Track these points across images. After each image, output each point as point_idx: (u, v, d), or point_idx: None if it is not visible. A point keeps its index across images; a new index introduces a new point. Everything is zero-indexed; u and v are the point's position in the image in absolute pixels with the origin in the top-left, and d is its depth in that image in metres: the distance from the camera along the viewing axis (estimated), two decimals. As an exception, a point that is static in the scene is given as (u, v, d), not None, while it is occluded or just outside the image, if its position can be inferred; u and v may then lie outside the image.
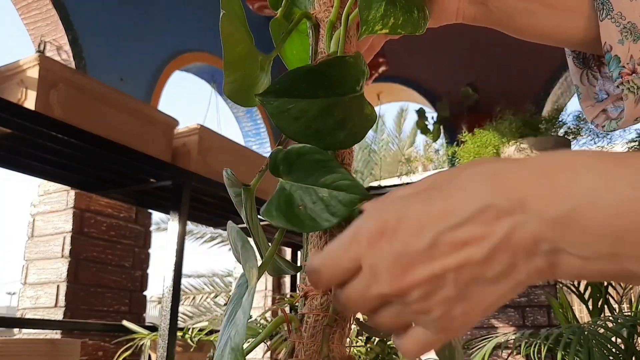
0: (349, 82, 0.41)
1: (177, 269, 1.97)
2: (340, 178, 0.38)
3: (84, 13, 2.67)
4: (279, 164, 0.40)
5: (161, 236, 10.40)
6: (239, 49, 0.42)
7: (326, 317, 0.38)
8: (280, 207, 0.39)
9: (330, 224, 0.38)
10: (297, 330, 0.39)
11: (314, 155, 0.39)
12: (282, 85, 0.39)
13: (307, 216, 0.38)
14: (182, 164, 2.14)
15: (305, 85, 0.40)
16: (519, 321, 2.42)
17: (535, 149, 2.20)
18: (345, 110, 0.41)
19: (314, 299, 0.39)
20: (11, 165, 1.98)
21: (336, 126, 0.40)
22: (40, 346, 1.73)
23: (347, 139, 0.41)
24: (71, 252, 2.30)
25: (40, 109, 1.69)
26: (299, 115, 0.39)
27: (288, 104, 0.39)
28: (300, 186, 0.39)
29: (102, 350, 2.34)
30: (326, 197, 0.38)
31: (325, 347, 0.37)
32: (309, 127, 0.39)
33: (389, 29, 0.44)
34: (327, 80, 0.40)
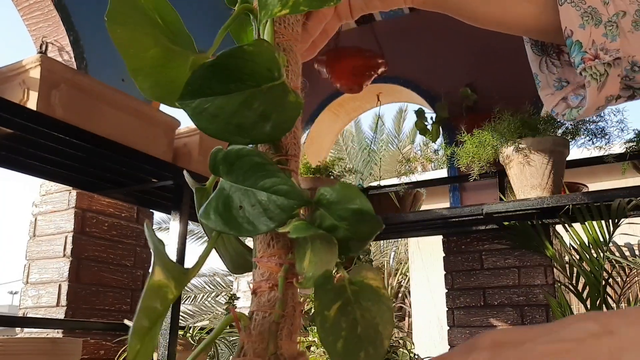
0: (259, 72, 0.39)
1: (178, 268, 1.98)
2: (279, 182, 0.37)
3: (86, 14, 2.68)
4: (219, 164, 0.39)
5: (162, 236, 10.41)
6: (150, 53, 0.41)
7: (273, 314, 0.37)
8: (218, 209, 0.38)
9: (268, 229, 0.36)
10: (246, 329, 0.37)
11: (253, 157, 0.38)
12: (193, 85, 0.38)
13: (245, 219, 0.37)
14: (183, 164, 2.15)
15: (215, 81, 0.38)
16: (517, 320, 2.42)
17: (533, 149, 2.20)
18: (265, 100, 0.39)
19: (262, 296, 0.38)
20: (13, 166, 1.99)
21: (258, 118, 0.38)
22: (42, 345, 1.74)
23: (273, 130, 0.39)
24: (73, 251, 2.31)
25: (42, 109, 1.70)
26: (217, 112, 0.38)
27: (204, 103, 0.38)
28: (240, 188, 0.38)
29: (103, 349, 2.35)
30: (265, 201, 0.37)
31: (272, 344, 0.36)
32: (229, 124, 0.38)
33: (289, 9, 0.42)
34: (234, 72, 0.39)
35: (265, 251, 0.39)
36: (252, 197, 0.37)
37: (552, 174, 2.22)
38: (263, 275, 0.39)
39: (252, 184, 0.37)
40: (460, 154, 2.38)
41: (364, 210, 0.38)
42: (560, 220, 2.29)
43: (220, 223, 0.37)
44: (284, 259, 0.39)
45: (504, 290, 2.48)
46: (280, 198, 0.36)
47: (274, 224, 0.36)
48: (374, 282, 0.39)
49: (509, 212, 2.31)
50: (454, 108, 3.21)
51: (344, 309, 0.37)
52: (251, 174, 0.38)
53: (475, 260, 2.58)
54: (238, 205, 0.37)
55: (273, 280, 0.38)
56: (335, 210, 0.38)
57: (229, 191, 0.38)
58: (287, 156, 0.42)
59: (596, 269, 2.18)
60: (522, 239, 2.44)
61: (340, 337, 0.36)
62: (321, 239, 0.37)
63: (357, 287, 0.38)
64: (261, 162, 0.38)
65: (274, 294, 0.38)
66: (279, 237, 0.39)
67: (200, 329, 2.17)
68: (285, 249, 0.39)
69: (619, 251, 2.26)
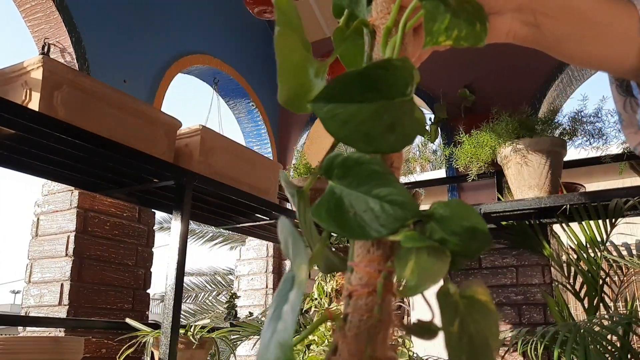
0: (397, 86, 0.41)
1: (180, 267, 1.99)
2: (395, 193, 0.38)
3: (88, 15, 2.70)
4: (335, 168, 0.40)
5: (163, 235, 10.42)
6: (295, 57, 0.42)
7: (371, 318, 0.38)
8: (330, 210, 0.39)
9: (380, 235, 0.37)
10: (340, 329, 0.38)
11: (372, 165, 0.39)
12: (331, 90, 0.40)
13: (356, 223, 0.38)
14: (185, 164, 2.17)
15: (354, 89, 0.40)
16: (515, 319, 2.44)
17: (531, 150, 2.22)
18: (395, 113, 0.40)
19: (359, 299, 0.39)
20: (16, 166, 2.00)
21: (385, 130, 0.40)
22: (44, 344, 1.75)
23: (397, 142, 0.40)
24: (75, 251, 2.32)
25: (44, 110, 1.71)
26: (348, 119, 0.39)
27: (337, 108, 0.39)
28: (352, 192, 0.39)
29: (105, 348, 2.36)
30: (377, 209, 0.38)
31: (369, 347, 0.37)
32: (358, 131, 0.39)
33: (452, 41, 0.45)
34: (375, 83, 0.40)
35: (365, 256, 0.40)
36: (364, 203, 0.38)
37: (549, 174, 2.24)
38: (361, 280, 0.40)
39: (366, 190, 0.38)
40: (458, 154, 2.40)
41: (478, 228, 0.39)
42: (557, 220, 2.31)
43: (332, 222, 0.38)
44: (383, 266, 0.40)
45: (502, 290, 2.50)
46: (394, 207, 0.38)
47: (386, 231, 0.37)
48: (483, 297, 0.41)
49: (507, 212, 2.32)
50: (453, 109, 3.22)
51: (462, 324, 0.39)
52: (367, 180, 0.39)
53: (473, 260, 2.60)
54: (349, 209, 0.38)
55: (371, 285, 0.39)
56: (447, 225, 0.40)
57: (339, 194, 0.39)
58: (392, 168, 0.43)
59: (593, 268, 2.19)
60: (520, 238, 2.45)
61: (464, 351, 0.38)
62: (430, 250, 0.39)
63: (468, 302, 0.40)
64: (380, 171, 0.39)
65: (371, 299, 0.38)
66: (380, 244, 0.40)
67: (201, 328, 2.18)
68: (384, 257, 0.40)
69: (616, 251, 2.28)
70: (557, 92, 3.24)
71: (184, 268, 2.02)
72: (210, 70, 3.59)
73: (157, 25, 3.12)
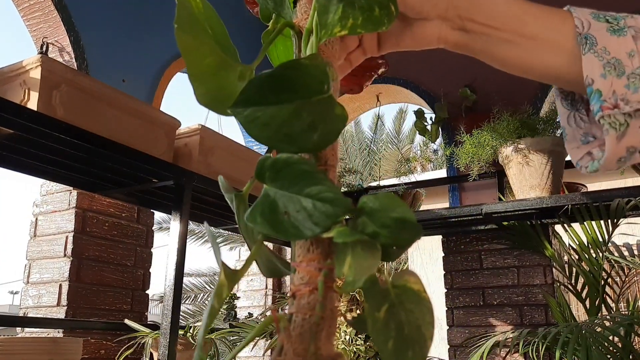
0: (311, 84, 0.41)
1: (179, 268, 1.98)
2: (325, 190, 0.38)
3: (86, 15, 2.69)
4: (266, 170, 0.40)
5: (163, 236, 10.42)
6: (207, 61, 0.43)
7: (313, 316, 0.39)
8: (265, 213, 0.39)
9: (313, 234, 0.38)
10: (285, 330, 0.39)
11: (301, 165, 0.40)
12: (248, 94, 0.40)
13: (290, 224, 0.38)
14: (184, 164, 2.16)
15: (269, 91, 0.40)
16: (516, 320, 2.43)
17: (532, 150, 2.21)
18: (314, 112, 0.41)
19: (301, 299, 0.39)
20: (14, 166, 2.00)
21: (307, 129, 0.40)
22: (42, 345, 1.75)
23: (319, 140, 0.41)
24: (73, 251, 2.31)
25: (42, 110, 1.70)
26: (268, 121, 0.40)
27: (257, 112, 0.40)
28: (285, 194, 0.39)
29: (104, 349, 2.35)
30: (310, 208, 0.38)
31: (313, 345, 0.38)
32: (279, 132, 0.40)
33: (348, 30, 0.45)
34: (288, 84, 0.41)
35: (305, 256, 0.41)
36: (297, 203, 0.38)
37: (551, 174, 2.23)
38: (303, 279, 0.40)
39: (297, 190, 0.39)
40: (459, 154, 2.39)
41: (406, 219, 0.40)
42: (559, 220, 2.30)
43: (267, 226, 0.39)
44: (322, 264, 0.40)
45: (503, 290, 2.49)
46: (325, 205, 0.38)
47: (319, 229, 0.38)
48: (415, 286, 0.42)
49: (508, 212, 2.31)
50: (454, 108, 3.22)
51: (391, 311, 0.39)
52: (298, 180, 0.39)
53: (475, 260, 2.59)
54: (283, 211, 0.39)
55: (312, 284, 0.40)
56: (377, 218, 0.40)
57: (273, 197, 0.40)
58: (327, 166, 0.44)
59: (595, 268, 2.18)
60: (521, 238, 2.44)
61: (390, 337, 0.38)
62: (363, 244, 0.39)
63: (399, 291, 0.41)
64: (309, 170, 0.39)
65: (313, 297, 0.39)
66: (319, 243, 0.41)
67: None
68: (324, 255, 0.41)
69: (618, 251, 2.27)
70: (558, 92, 3.23)
71: (183, 268, 2.01)
72: (210, 69, 3.58)
73: (157, 25, 3.11)
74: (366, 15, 0.46)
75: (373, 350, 2.28)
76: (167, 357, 1.88)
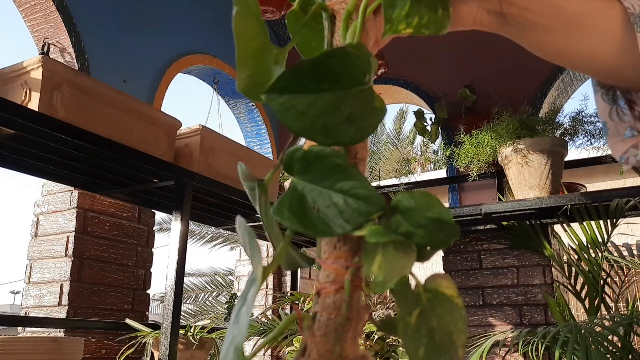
0: (354, 75, 0.39)
1: (180, 267, 1.99)
2: (358, 186, 0.37)
3: (87, 15, 2.69)
4: (295, 163, 0.38)
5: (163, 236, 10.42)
6: (253, 44, 0.41)
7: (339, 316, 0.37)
8: (292, 207, 0.37)
9: (344, 231, 0.36)
10: (309, 329, 0.38)
11: (333, 159, 0.38)
12: (285, 81, 0.38)
13: (319, 220, 0.37)
14: (185, 165, 2.16)
15: (309, 79, 0.38)
16: (516, 319, 2.44)
17: (532, 150, 2.22)
18: (353, 103, 0.39)
19: (327, 297, 0.38)
20: (15, 166, 2.00)
21: (344, 121, 0.38)
22: (43, 344, 1.75)
23: (357, 133, 0.39)
24: (74, 251, 2.32)
25: (43, 110, 1.71)
26: (305, 111, 0.38)
27: (293, 100, 0.38)
28: (314, 188, 0.37)
29: (105, 348, 2.36)
30: (341, 204, 0.36)
31: (338, 346, 0.36)
32: (316, 123, 0.38)
33: (413, 29, 0.43)
34: (330, 72, 0.39)
35: (332, 253, 0.39)
36: (328, 198, 0.37)
37: (550, 175, 2.23)
38: (329, 277, 0.39)
39: (329, 185, 0.37)
40: (459, 154, 2.40)
41: (443, 219, 0.38)
42: (558, 220, 2.31)
43: (294, 221, 0.37)
44: (350, 262, 0.39)
45: (502, 290, 2.49)
46: (358, 202, 0.36)
47: (350, 227, 0.36)
48: (448, 291, 0.40)
49: (508, 212, 2.32)
50: (453, 109, 3.22)
51: (422, 317, 0.38)
52: (329, 175, 0.37)
53: (474, 260, 2.60)
54: (312, 206, 0.37)
55: (339, 282, 0.38)
56: (412, 217, 0.38)
57: (302, 190, 0.38)
58: (356, 159, 0.42)
59: (594, 268, 2.19)
60: (521, 238, 2.45)
61: (422, 344, 0.37)
62: (396, 244, 0.37)
63: (431, 295, 0.39)
64: (342, 164, 0.38)
65: (339, 296, 0.38)
66: (346, 240, 0.39)
67: (201, 328, 2.18)
68: (351, 252, 0.39)
69: (617, 251, 2.27)
70: (558, 92, 3.24)
71: (184, 268, 2.01)
72: (210, 70, 3.58)
73: (157, 25, 3.12)
74: (431, 15, 0.44)
75: (373, 349, 2.29)
76: (168, 357, 1.89)
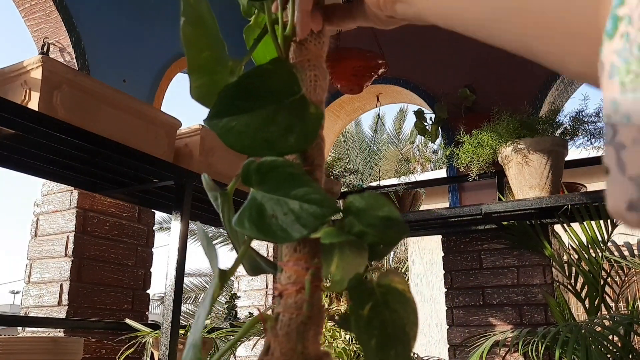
0: (280, 88, 0.41)
1: (180, 267, 1.99)
2: (312, 192, 0.38)
3: (87, 15, 2.69)
4: (252, 174, 0.40)
5: (163, 236, 10.43)
6: (204, 54, 0.43)
7: (300, 315, 0.39)
8: (252, 217, 0.39)
9: (301, 235, 0.38)
10: (272, 329, 0.39)
11: (287, 168, 0.40)
12: (220, 106, 0.40)
13: (278, 227, 0.38)
14: (185, 164, 2.16)
15: (240, 100, 0.41)
16: (516, 319, 2.43)
17: (532, 150, 2.22)
18: (289, 114, 0.41)
19: (288, 298, 0.40)
20: (15, 166, 2.00)
21: (284, 132, 0.40)
22: (43, 344, 1.75)
23: (298, 141, 0.41)
24: (74, 251, 2.32)
25: (43, 110, 1.71)
26: (244, 129, 0.40)
27: (231, 122, 0.40)
28: (272, 197, 0.39)
29: (104, 348, 2.36)
30: (297, 209, 0.38)
31: (300, 344, 0.38)
32: (256, 139, 0.40)
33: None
34: (255, 91, 0.41)
35: (292, 256, 0.41)
36: (285, 205, 0.39)
37: (550, 174, 2.23)
38: (290, 279, 0.40)
39: (284, 193, 0.39)
40: (459, 154, 2.40)
41: (392, 217, 0.40)
42: (558, 220, 2.31)
43: (254, 230, 0.39)
44: (310, 263, 0.40)
45: (502, 290, 2.49)
46: (312, 206, 0.38)
47: (307, 231, 0.38)
48: (400, 286, 0.42)
49: (508, 212, 2.32)
50: (453, 108, 3.22)
51: (375, 310, 0.39)
52: (284, 183, 0.39)
53: (474, 260, 2.59)
54: (270, 214, 0.39)
55: (300, 283, 0.40)
56: (364, 217, 0.40)
57: (260, 200, 0.40)
58: (313, 166, 0.44)
59: (594, 268, 2.19)
60: (521, 238, 2.45)
61: (374, 335, 0.38)
62: (350, 244, 0.39)
63: (384, 290, 0.41)
64: (294, 173, 0.40)
65: (300, 297, 0.39)
66: (306, 243, 0.41)
67: (201, 328, 2.17)
68: (311, 254, 0.41)
69: (618, 251, 2.27)
70: (558, 92, 3.23)
71: (183, 268, 2.01)
72: (210, 70, 3.58)
73: (157, 24, 3.12)
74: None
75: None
76: (168, 357, 1.89)
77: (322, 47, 0.49)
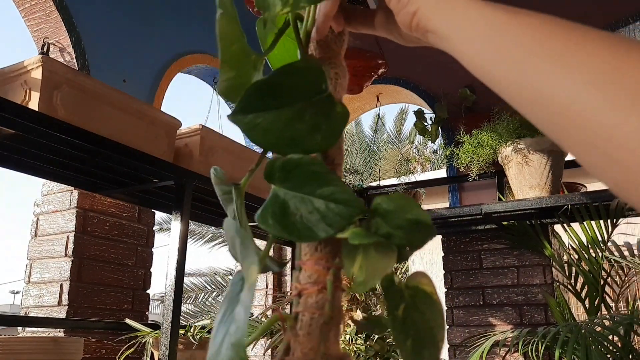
0: (308, 86, 0.41)
1: (180, 267, 1.99)
2: (338, 191, 0.38)
3: (87, 15, 2.69)
4: (276, 171, 0.40)
5: (163, 236, 10.42)
6: (233, 47, 0.43)
7: (322, 315, 0.38)
8: (276, 215, 0.39)
9: (327, 235, 0.37)
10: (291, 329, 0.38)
11: (312, 166, 0.39)
12: (247, 101, 0.40)
13: (303, 225, 0.38)
14: (185, 164, 2.16)
15: (266, 97, 0.40)
16: (516, 319, 2.43)
17: (532, 150, 2.22)
18: (316, 112, 0.41)
19: (309, 297, 0.39)
20: (15, 166, 2.00)
21: (310, 130, 0.40)
22: (43, 344, 1.75)
23: (324, 140, 0.41)
24: (74, 251, 2.32)
25: (43, 110, 1.70)
26: (270, 127, 0.40)
27: (257, 118, 0.40)
28: (296, 195, 0.39)
29: (104, 348, 2.36)
30: (323, 209, 0.38)
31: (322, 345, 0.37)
32: (282, 136, 0.40)
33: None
34: (283, 88, 0.41)
35: (313, 255, 0.41)
36: (309, 204, 0.38)
37: (550, 174, 2.23)
38: (310, 278, 0.40)
39: (309, 191, 0.39)
40: (459, 154, 2.40)
41: (421, 220, 0.40)
42: (559, 220, 2.31)
43: (278, 228, 0.38)
44: (331, 263, 0.40)
45: (503, 290, 2.49)
46: (339, 206, 0.38)
47: (333, 230, 0.37)
48: (427, 288, 0.41)
49: (508, 212, 2.32)
50: (453, 108, 3.22)
51: (407, 311, 0.39)
52: (309, 182, 0.39)
53: (474, 260, 2.59)
54: (295, 212, 0.38)
55: (321, 283, 0.39)
56: (392, 219, 0.40)
57: (284, 197, 0.39)
58: (334, 165, 0.44)
59: (595, 268, 2.19)
60: (521, 238, 2.45)
61: (409, 336, 0.38)
62: (377, 245, 0.39)
63: (412, 292, 0.41)
64: (320, 171, 0.39)
65: (321, 297, 0.39)
66: (327, 242, 0.40)
67: (201, 328, 2.18)
68: (332, 253, 0.40)
69: (618, 251, 2.27)
70: (557, 92, 3.23)
71: (183, 268, 2.01)
72: (210, 70, 3.58)
73: (157, 24, 3.12)
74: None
75: (373, 349, 2.29)
76: (168, 357, 1.89)
77: (342, 45, 0.49)
